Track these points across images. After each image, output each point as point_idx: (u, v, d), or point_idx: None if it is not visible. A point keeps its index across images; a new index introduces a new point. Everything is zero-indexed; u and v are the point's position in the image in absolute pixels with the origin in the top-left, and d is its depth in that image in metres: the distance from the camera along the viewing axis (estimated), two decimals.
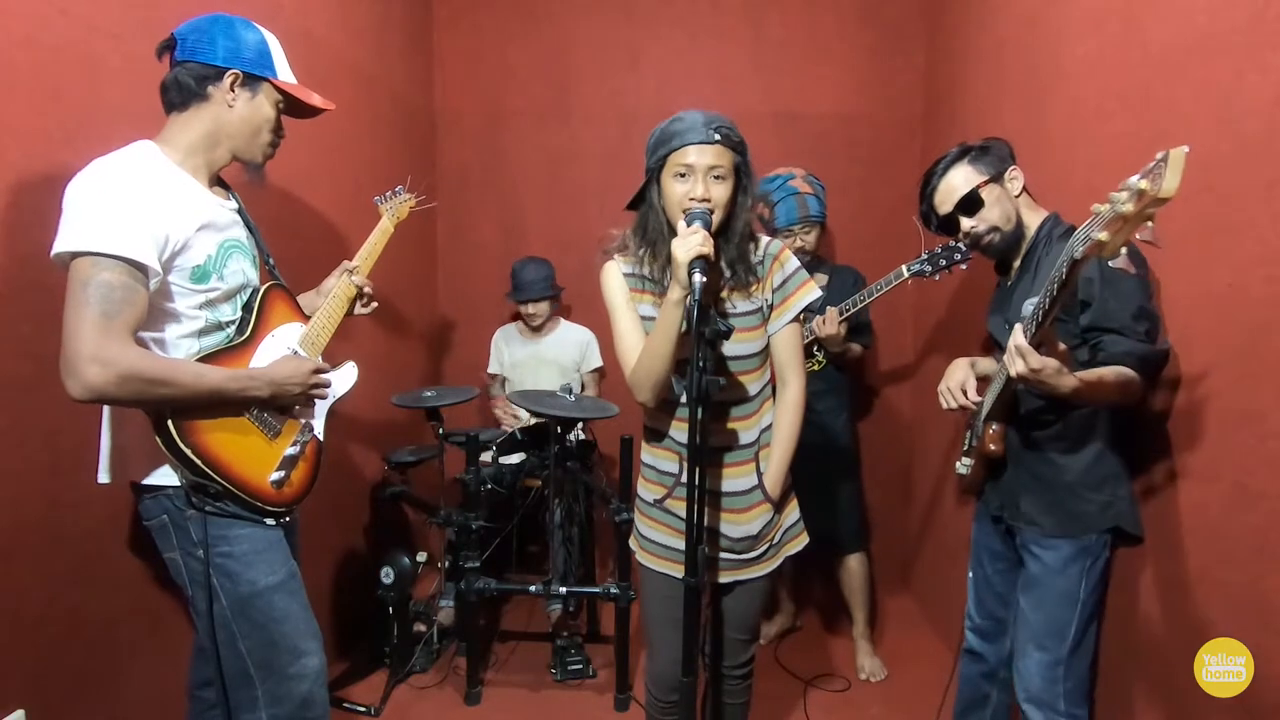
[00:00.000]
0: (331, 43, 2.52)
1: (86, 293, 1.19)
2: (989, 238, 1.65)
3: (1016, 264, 1.69)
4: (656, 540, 1.64)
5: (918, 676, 2.61)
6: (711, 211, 1.43)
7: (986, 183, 1.63)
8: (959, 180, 1.65)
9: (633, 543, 1.71)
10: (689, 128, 1.43)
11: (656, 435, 1.62)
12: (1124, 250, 1.09)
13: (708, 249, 1.34)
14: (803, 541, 1.69)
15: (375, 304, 1.78)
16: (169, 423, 1.29)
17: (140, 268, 1.25)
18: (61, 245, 1.22)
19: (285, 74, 1.50)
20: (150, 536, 1.44)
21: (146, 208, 1.27)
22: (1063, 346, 1.40)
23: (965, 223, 1.66)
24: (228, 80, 1.40)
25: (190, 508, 1.37)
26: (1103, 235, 1.08)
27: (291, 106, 1.52)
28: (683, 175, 1.44)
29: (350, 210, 2.59)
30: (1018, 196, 1.66)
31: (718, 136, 1.42)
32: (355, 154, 2.70)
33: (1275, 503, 1.29)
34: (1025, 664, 1.58)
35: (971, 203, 1.64)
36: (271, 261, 1.60)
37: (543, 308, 3.09)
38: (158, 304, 1.32)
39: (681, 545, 1.37)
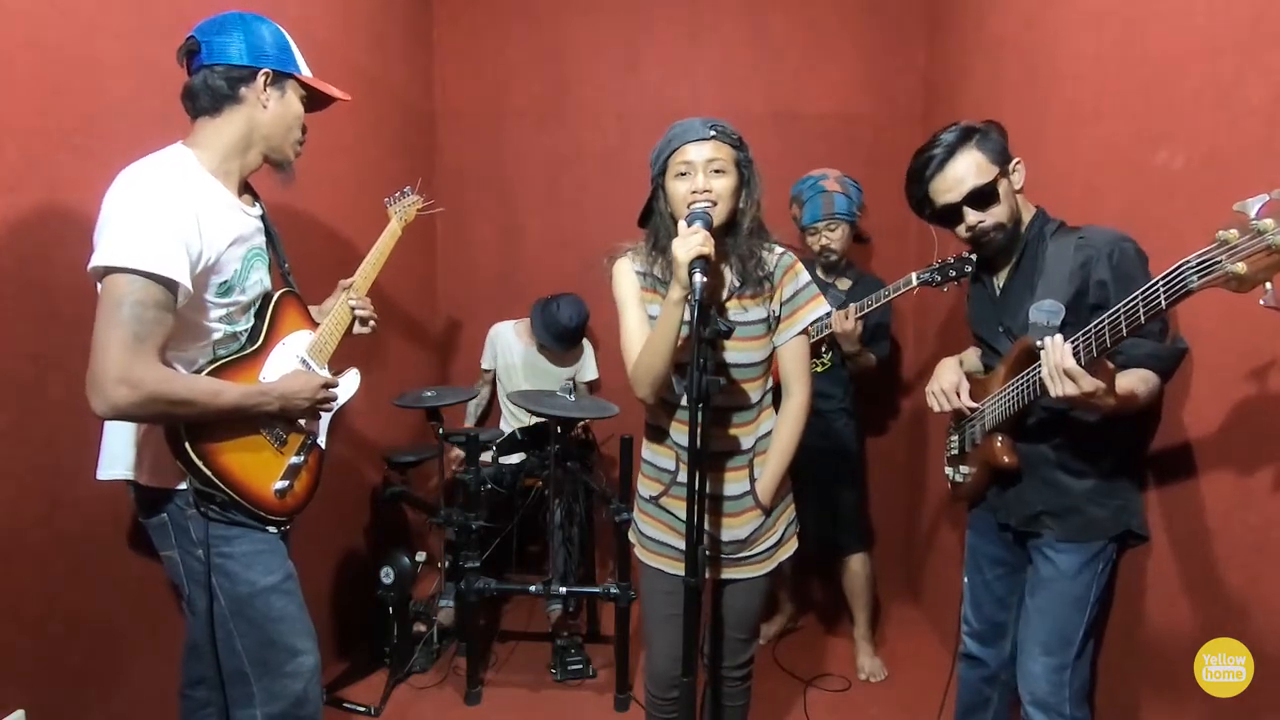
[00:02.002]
0: (333, 44, 2.52)
1: (120, 313, 1.18)
2: (993, 234, 1.54)
3: (1009, 264, 1.60)
4: (653, 537, 1.64)
5: (918, 677, 2.61)
6: (713, 204, 1.44)
7: (1000, 175, 1.50)
8: (968, 168, 1.50)
9: (632, 536, 1.72)
10: (686, 129, 1.47)
11: (656, 433, 1.63)
12: (1269, 286, 0.93)
13: (708, 249, 1.34)
14: (793, 546, 1.68)
15: (374, 324, 1.74)
16: (184, 437, 1.29)
17: (173, 286, 1.23)
18: (98, 260, 1.20)
19: (304, 67, 1.49)
20: (147, 533, 1.44)
21: (183, 224, 1.25)
22: (1111, 366, 1.29)
23: (972, 216, 1.52)
24: (260, 80, 1.39)
25: (193, 509, 1.37)
26: (1239, 268, 0.94)
27: (309, 100, 1.52)
28: (683, 174, 1.47)
29: (351, 210, 2.59)
30: (1018, 191, 1.56)
31: (713, 132, 1.45)
32: (357, 154, 2.70)
33: (1275, 502, 1.29)
34: (1031, 667, 1.56)
35: (986, 196, 1.50)
36: (287, 267, 1.59)
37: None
38: (182, 316, 1.30)
39: (676, 542, 1.37)
